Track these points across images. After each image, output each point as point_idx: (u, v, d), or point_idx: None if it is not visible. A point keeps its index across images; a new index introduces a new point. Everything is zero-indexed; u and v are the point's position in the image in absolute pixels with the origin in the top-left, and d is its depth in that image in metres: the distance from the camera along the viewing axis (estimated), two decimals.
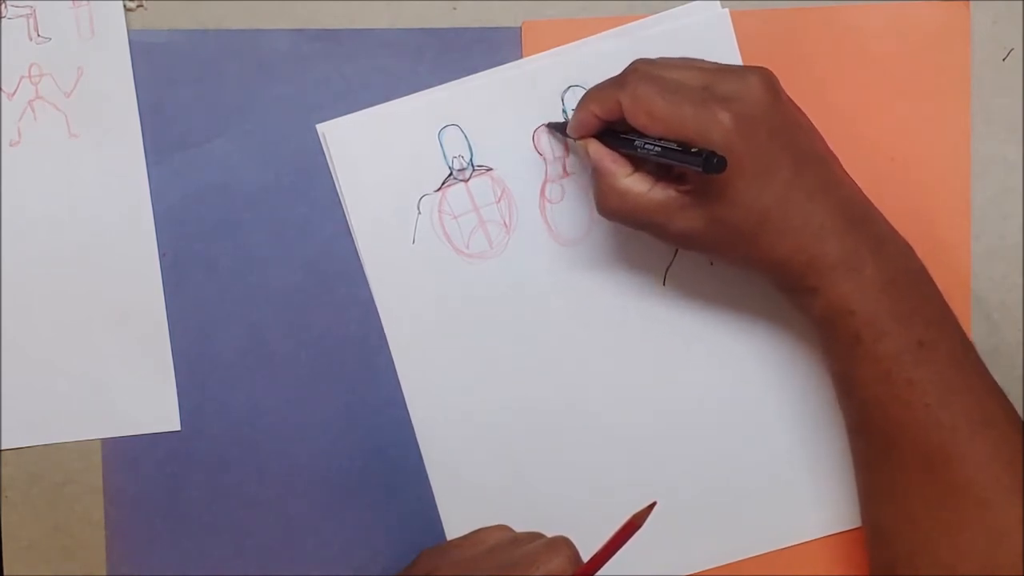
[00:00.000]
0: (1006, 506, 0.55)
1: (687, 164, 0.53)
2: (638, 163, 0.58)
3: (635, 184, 0.57)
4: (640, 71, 0.57)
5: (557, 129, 0.63)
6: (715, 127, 0.54)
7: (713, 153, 0.52)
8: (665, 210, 0.57)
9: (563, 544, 0.54)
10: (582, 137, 0.60)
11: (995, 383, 0.58)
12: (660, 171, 0.58)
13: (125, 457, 0.63)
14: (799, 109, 0.59)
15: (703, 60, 0.59)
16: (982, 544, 0.56)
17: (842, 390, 0.60)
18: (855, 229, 0.57)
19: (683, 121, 0.55)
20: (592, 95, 0.59)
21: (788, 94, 0.58)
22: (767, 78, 0.57)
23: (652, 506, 0.50)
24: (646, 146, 0.56)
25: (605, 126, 0.59)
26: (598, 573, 0.53)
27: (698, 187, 0.56)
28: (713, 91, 0.56)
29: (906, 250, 0.59)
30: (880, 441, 0.58)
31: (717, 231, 0.57)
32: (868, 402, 0.57)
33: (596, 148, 0.59)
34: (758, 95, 0.56)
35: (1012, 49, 0.65)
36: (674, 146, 0.54)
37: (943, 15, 0.65)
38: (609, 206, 0.59)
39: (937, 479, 0.56)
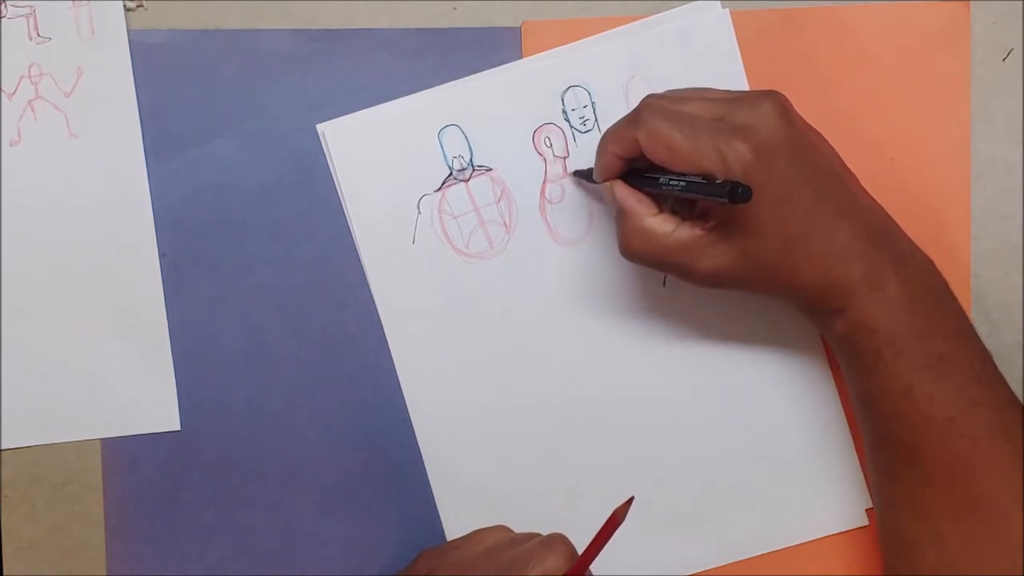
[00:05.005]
0: None
1: (712, 196, 0.53)
2: (663, 205, 0.58)
3: (660, 224, 0.57)
4: (653, 106, 0.56)
5: (583, 176, 0.63)
6: (734, 158, 0.54)
7: (738, 183, 0.52)
8: (690, 249, 0.56)
9: (559, 541, 0.54)
10: (607, 179, 0.59)
11: (1013, 394, 0.58)
12: (684, 212, 0.57)
13: (125, 457, 0.63)
14: (813, 130, 0.58)
15: (712, 89, 0.59)
16: (1007, 555, 0.55)
17: (862, 404, 0.59)
18: (877, 248, 0.57)
19: (702, 154, 0.54)
20: (609, 136, 0.58)
21: (800, 114, 0.57)
22: (780, 104, 0.56)
23: (630, 501, 0.51)
24: (671, 182, 0.55)
25: (628, 166, 0.58)
26: (595, 573, 0.53)
27: (721, 222, 0.56)
28: (728, 122, 0.55)
29: (927, 266, 0.58)
30: (903, 454, 0.57)
31: (743, 264, 0.56)
32: (890, 416, 0.57)
33: (621, 189, 0.58)
34: (773, 123, 0.55)
35: (1012, 49, 0.65)
36: (698, 179, 0.54)
37: (943, 15, 0.65)
38: (632, 246, 0.58)
39: (962, 492, 0.56)
